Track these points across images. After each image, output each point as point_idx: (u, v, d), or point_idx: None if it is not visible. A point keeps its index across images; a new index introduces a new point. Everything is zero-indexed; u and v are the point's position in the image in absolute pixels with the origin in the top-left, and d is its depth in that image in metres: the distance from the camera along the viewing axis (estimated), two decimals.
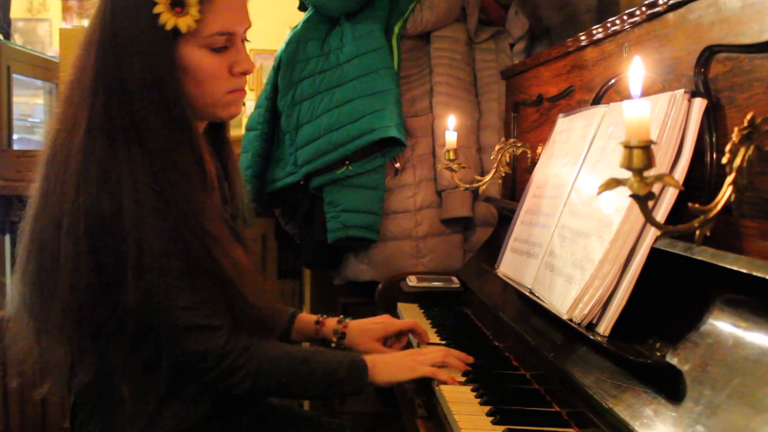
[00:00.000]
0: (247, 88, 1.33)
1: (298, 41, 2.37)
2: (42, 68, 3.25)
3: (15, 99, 3.01)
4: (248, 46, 1.32)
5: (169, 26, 1.17)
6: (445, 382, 1.30)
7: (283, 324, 1.43)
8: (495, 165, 1.87)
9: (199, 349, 1.19)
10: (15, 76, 2.98)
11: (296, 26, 2.44)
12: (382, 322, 1.59)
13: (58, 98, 1.28)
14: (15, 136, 3.06)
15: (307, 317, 1.59)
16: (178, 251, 1.17)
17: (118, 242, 1.15)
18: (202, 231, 1.18)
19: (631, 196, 0.82)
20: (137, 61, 1.18)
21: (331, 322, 1.57)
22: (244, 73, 1.28)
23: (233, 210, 1.39)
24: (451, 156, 1.81)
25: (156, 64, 1.19)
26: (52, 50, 5.59)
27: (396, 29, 2.35)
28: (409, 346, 1.61)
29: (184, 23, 1.17)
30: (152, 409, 1.23)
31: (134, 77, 1.18)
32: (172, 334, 1.19)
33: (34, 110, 3.81)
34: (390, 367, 1.34)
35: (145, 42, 1.18)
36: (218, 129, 1.41)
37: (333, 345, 1.56)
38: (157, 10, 1.16)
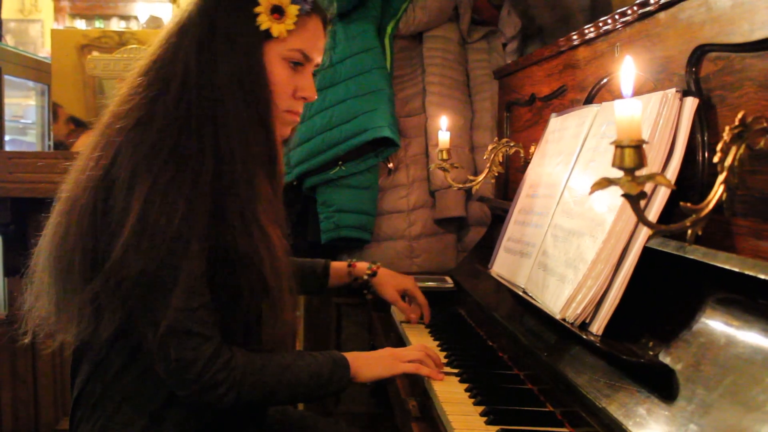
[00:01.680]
0: None
1: None
2: (34, 69, 3.23)
3: (6, 100, 3.00)
4: None
5: (263, 27, 1.24)
6: (429, 377, 1.32)
7: (296, 330, 1.43)
8: (488, 165, 1.87)
9: (187, 356, 1.15)
10: (6, 77, 2.98)
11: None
12: (407, 279, 1.80)
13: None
14: (7, 138, 3.05)
15: (339, 264, 1.77)
16: (219, 239, 1.18)
17: (160, 211, 1.14)
18: (255, 223, 1.20)
19: (623, 195, 0.82)
20: (232, 52, 1.23)
21: (363, 264, 1.78)
22: (305, 99, 1.34)
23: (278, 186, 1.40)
24: (444, 156, 1.81)
25: (250, 59, 1.24)
26: (44, 51, 5.58)
27: (388, 29, 2.35)
28: (400, 343, 1.62)
29: (278, 29, 1.25)
30: (154, 410, 1.21)
31: (228, 66, 1.22)
32: (163, 336, 1.15)
33: (25, 111, 3.79)
34: (371, 364, 1.35)
35: (241, 37, 1.24)
36: None
37: (365, 278, 1.76)
38: (257, 10, 1.24)
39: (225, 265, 1.20)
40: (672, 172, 1.07)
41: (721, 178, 0.86)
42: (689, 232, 0.87)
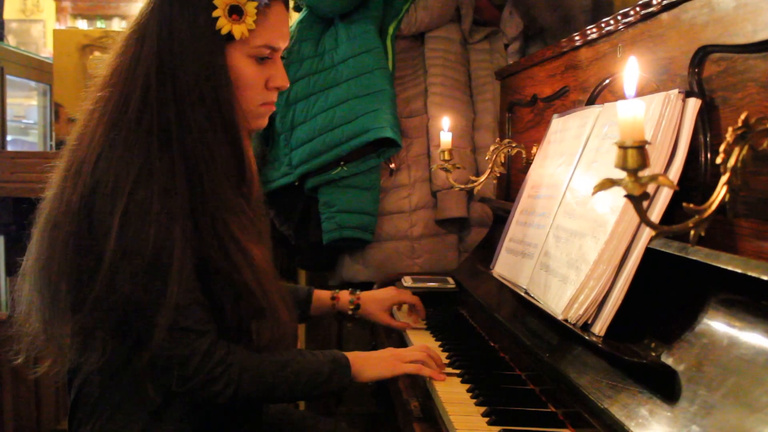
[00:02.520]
0: None
1: (292, 42, 2.37)
2: (36, 69, 3.24)
3: (8, 100, 3.01)
4: None
5: (224, 31, 1.21)
6: (431, 377, 1.33)
7: (296, 333, 1.42)
8: (490, 165, 1.87)
9: (183, 353, 1.16)
10: (8, 77, 2.98)
11: (290, 27, 2.44)
12: (389, 293, 1.78)
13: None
14: (9, 138, 3.06)
15: (322, 293, 1.73)
16: (196, 253, 1.17)
17: (136, 233, 1.14)
18: (228, 236, 1.20)
19: (626, 196, 0.82)
20: (191, 61, 1.21)
21: (345, 296, 1.74)
22: (278, 89, 1.32)
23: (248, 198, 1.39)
24: (446, 156, 1.81)
25: (210, 64, 1.22)
26: (45, 51, 5.58)
27: (390, 30, 2.35)
28: (402, 343, 1.62)
29: (239, 30, 1.22)
30: (151, 411, 1.21)
31: (187, 75, 1.20)
32: (157, 333, 1.15)
33: (27, 111, 3.80)
34: (373, 364, 1.35)
35: (201, 43, 1.21)
36: None
37: (350, 313, 1.73)
38: (215, 13, 1.21)
39: (206, 277, 1.20)
40: (674, 173, 1.07)
41: (723, 179, 0.86)
42: (692, 233, 0.87)
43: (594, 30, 1.48)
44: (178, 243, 1.15)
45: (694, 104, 1.08)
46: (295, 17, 2.49)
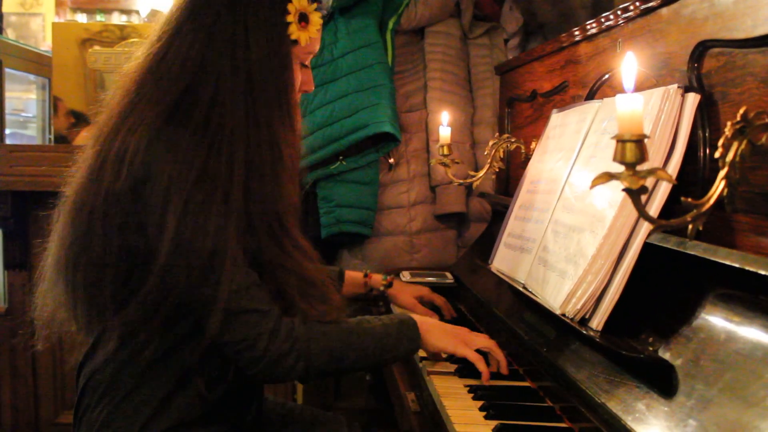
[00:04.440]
0: None
1: None
2: (35, 63, 3.23)
3: (7, 94, 3.00)
4: None
5: (293, 36, 1.25)
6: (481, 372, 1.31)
7: (342, 303, 1.40)
8: (489, 160, 1.87)
9: (248, 335, 1.16)
10: (7, 70, 2.97)
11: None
12: (422, 288, 1.85)
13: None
14: (7, 131, 3.05)
15: (354, 273, 1.80)
16: (248, 241, 1.17)
17: (194, 234, 1.13)
18: (285, 234, 1.22)
19: (624, 189, 0.82)
20: (267, 62, 1.22)
21: (377, 275, 1.81)
22: (307, 92, 1.38)
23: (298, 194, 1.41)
24: (445, 151, 1.81)
25: (283, 67, 1.24)
26: (45, 45, 5.57)
27: (390, 24, 2.35)
28: None
29: (305, 37, 1.27)
30: (160, 398, 1.22)
31: (262, 76, 1.21)
32: (216, 316, 1.14)
33: (26, 105, 3.79)
34: (439, 332, 1.35)
35: (276, 46, 1.23)
36: None
37: (381, 289, 1.80)
38: (289, 19, 1.24)
39: (268, 269, 1.21)
40: (673, 168, 1.07)
41: (722, 173, 0.86)
42: (690, 227, 0.87)
43: (594, 25, 1.48)
44: (232, 242, 1.14)
45: (693, 99, 1.07)
46: None
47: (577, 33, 1.57)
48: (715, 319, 0.91)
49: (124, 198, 1.14)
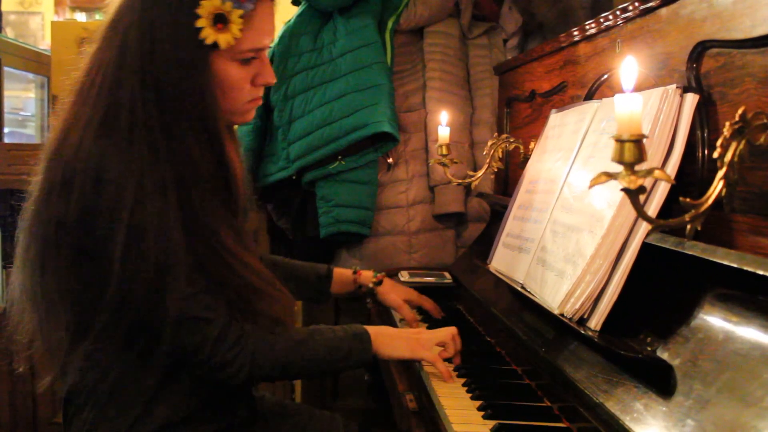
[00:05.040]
0: None
1: (291, 36, 2.36)
2: (34, 61, 3.23)
3: (6, 92, 3.00)
4: None
5: (209, 41, 1.17)
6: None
7: (290, 296, 1.37)
8: (488, 160, 1.87)
9: (195, 341, 1.19)
10: (6, 69, 2.97)
11: (289, 21, 2.43)
12: (412, 291, 1.80)
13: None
14: (6, 130, 3.05)
15: (343, 270, 1.77)
16: (186, 249, 1.17)
17: (158, 257, 1.14)
18: (212, 233, 1.20)
19: (623, 189, 0.82)
20: (175, 71, 1.18)
21: (368, 272, 1.78)
22: (266, 85, 1.31)
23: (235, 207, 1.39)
24: (444, 151, 1.81)
25: (194, 74, 1.19)
26: (44, 44, 5.56)
27: (389, 24, 2.34)
28: None
29: (224, 39, 1.18)
30: (146, 399, 1.22)
31: (171, 87, 1.17)
32: (168, 325, 1.17)
33: (25, 104, 3.79)
34: (394, 341, 1.36)
35: (184, 53, 1.18)
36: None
37: (371, 286, 1.76)
38: (199, 24, 1.16)
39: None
40: (672, 168, 1.07)
41: (720, 173, 0.86)
42: (688, 227, 0.87)
43: (593, 25, 1.48)
44: (179, 249, 1.15)
45: (691, 99, 1.08)
46: (293, 11, 2.48)
47: (576, 33, 1.57)
48: (714, 319, 0.91)
49: (72, 227, 1.15)
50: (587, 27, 1.50)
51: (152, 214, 1.14)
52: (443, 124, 1.83)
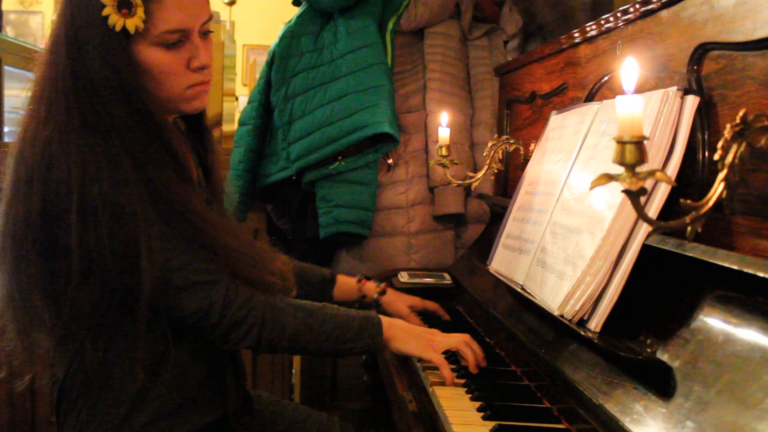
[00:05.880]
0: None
1: (291, 36, 2.37)
2: (34, 61, 3.22)
3: (6, 91, 3.00)
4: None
5: (118, 27, 1.17)
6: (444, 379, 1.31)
7: (291, 283, 1.39)
8: (488, 162, 1.87)
9: (201, 306, 1.21)
10: (7, 68, 2.97)
11: (290, 21, 2.44)
12: (415, 297, 1.79)
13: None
14: (6, 129, 3.05)
15: (347, 278, 1.76)
16: (162, 227, 1.18)
17: (122, 233, 1.15)
18: (178, 201, 1.21)
19: (624, 191, 0.82)
20: (97, 61, 1.19)
21: (371, 283, 1.76)
22: (202, 68, 1.27)
23: (209, 195, 1.39)
24: (444, 152, 1.81)
25: (113, 63, 1.19)
26: (44, 43, 5.57)
27: (390, 25, 2.35)
28: None
29: (132, 24, 1.18)
30: (132, 395, 1.23)
31: (97, 76, 1.19)
32: (171, 297, 1.20)
33: (25, 103, 3.79)
34: (405, 335, 1.36)
35: (100, 42, 1.19)
36: (195, 117, 1.42)
37: (375, 297, 1.74)
38: (105, 12, 1.17)
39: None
40: (672, 170, 1.07)
41: (721, 175, 0.86)
42: (689, 229, 0.87)
43: (593, 27, 1.48)
44: (144, 220, 1.16)
45: (692, 101, 1.08)
46: (294, 11, 2.49)
47: (576, 35, 1.57)
48: (714, 321, 0.92)
49: (35, 221, 1.17)
50: (588, 29, 1.51)
51: (104, 191, 1.15)
52: (443, 125, 1.83)
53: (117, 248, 1.15)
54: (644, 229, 1.07)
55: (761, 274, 0.81)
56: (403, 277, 2.04)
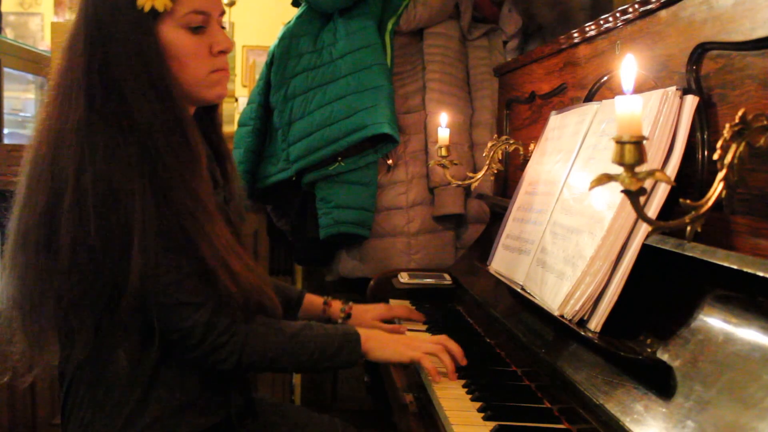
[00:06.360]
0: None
1: (291, 37, 2.37)
2: (33, 62, 3.23)
3: (6, 93, 3.00)
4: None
5: (147, 8, 1.20)
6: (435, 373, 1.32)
7: (277, 306, 1.38)
8: (487, 162, 1.87)
9: (184, 326, 1.21)
10: (6, 69, 2.97)
11: (289, 22, 2.44)
12: (381, 308, 1.76)
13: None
14: (6, 131, 3.05)
15: (314, 298, 1.72)
16: (161, 230, 1.18)
17: (113, 220, 1.16)
18: (184, 209, 1.20)
19: (623, 191, 0.82)
20: (122, 46, 1.21)
21: (337, 304, 1.72)
22: (224, 52, 1.30)
23: (226, 193, 1.40)
24: (444, 153, 1.81)
25: (140, 46, 1.22)
26: (43, 44, 5.57)
27: (389, 25, 2.35)
28: None
29: (161, 3, 1.21)
30: (137, 395, 1.24)
31: (120, 62, 1.21)
32: (159, 310, 1.21)
33: (25, 105, 3.79)
34: (383, 344, 1.37)
35: (126, 26, 1.21)
36: (209, 112, 1.43)
37: (339, 322, 1.69)
38: None
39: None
40: (671, 170, 1.07)
41: (720, 175, 0.86)
42: (688, 229, 0.87)
43: (593, 27, 1.48)
44: (138, 216, 1.16)
45: (691, 101, 1.08)
46: (293, 12, 2.49)
47: (575, 35, 1.57)
48: (714, 321, 0.92)
49: (42, 211, 1.19)
50: (587, 29, 1.51)
51: (98, 170, 1.16)
52: (443, 125, 1.83)
53: (106, 231, 1.16)
54: (644, 229, 1.07)
55: (761, 274, 0.81)
56: (404, 277, 2.04)
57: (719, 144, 0.87)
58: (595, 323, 1.12)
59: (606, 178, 0.82)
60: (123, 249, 1.16)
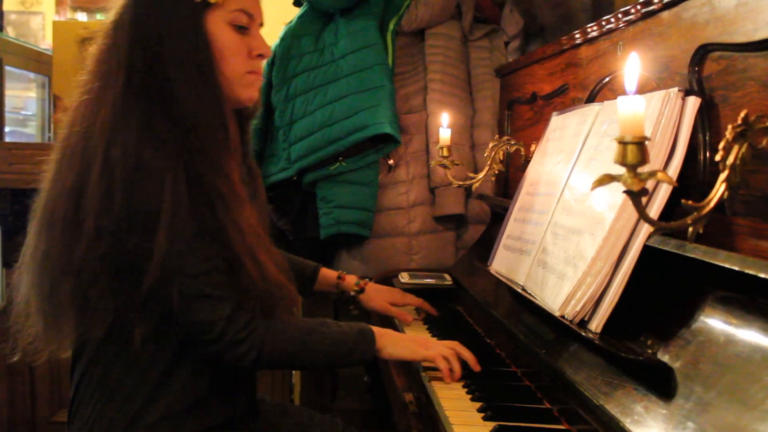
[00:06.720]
0: None
1: (292, 36, 2.36)
2: (35, 61, 3.23)
3: (7, 92, 3.00)
4: None
5: None
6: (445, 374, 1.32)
7: (296, 301, 1.39)
8: (488, 162, 1.87)
9: (206, 319, 1.21)
10: (7, 68, 2.98)
11: (291, 21, 2.44)
12: (395, 292, 1.80)
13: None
14: (7, 129, 3.06)
15: (329, 272, 1.77)
16: (191, 217, 1.18)
17: (139, 196, 1.17)
18: (217, 193, 1.21)
19: (625, 192, 0.82)
20: (174, 28, 1.23)
21: (351, 278, 1.77)
22: (262, 57, 1.34)
23: (252, 191, 1.40)
24: (445, 153, 1.81)
25: (191, 31, 1.24)
26: (45, 43, 5.57)
27: (391, 26, 2.34)
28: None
29: None
30: (147, 391, 1.24)
31: (169, 44, 1.22)
32: (181, 301, 1.19)
33: (26, 103, 3.79)
34: (397, 342, 1.38)
35: (180, 9, 1.24)
36: (240, 119, 1.43)
37: (352, 294, 1.75)
38: None
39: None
40: (673, 171, 1.07)
41: (722, 176, 0.86)
42: (690, 230, 0.87)
43: (594, 28, 1.48)
44: (168, 197, 1.16)
45: (693, 102, 1.08)
46: (295, 12, 2.49)
47: (577, 36, 1.57)
48: (714, 322, 0.92)
49: (69, 189, 1.19)
50: (589, 30, 1.51)
51: (127, 143, 1.17)
52: (444, 125, 1.83)
53: (131, 207, 1.16)
54: (645, 229, 1.07)
55: (762, 275, 0.81)
56: (404, 277, 2.04)
57: (721, 145, 0.87)
58: (596, 324, 1.12)
59: (608, 179, 0.82)
60: (147, 229, 1.15)
